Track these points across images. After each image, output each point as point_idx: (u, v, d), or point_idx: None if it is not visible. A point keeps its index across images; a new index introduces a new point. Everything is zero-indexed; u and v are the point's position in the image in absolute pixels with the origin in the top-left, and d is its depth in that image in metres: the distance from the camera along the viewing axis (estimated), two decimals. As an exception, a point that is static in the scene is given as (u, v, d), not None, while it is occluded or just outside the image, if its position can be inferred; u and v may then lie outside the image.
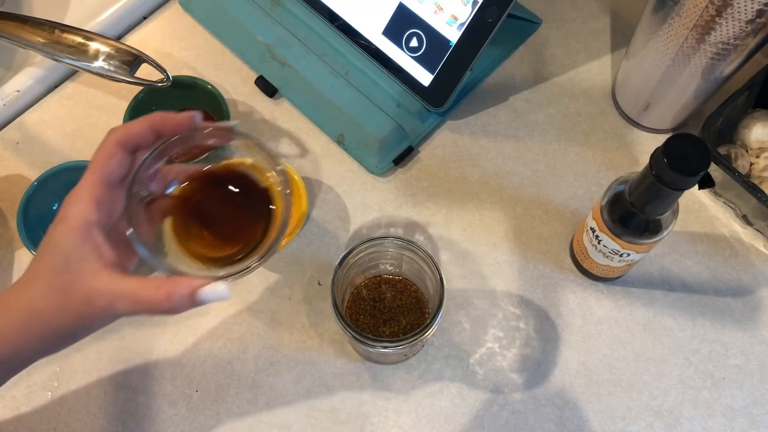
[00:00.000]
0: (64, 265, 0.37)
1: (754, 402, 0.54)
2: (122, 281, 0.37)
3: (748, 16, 0.48)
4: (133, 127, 0.39)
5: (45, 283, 0.37)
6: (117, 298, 0.37)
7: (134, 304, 0.37)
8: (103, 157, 0.38)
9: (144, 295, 0.37)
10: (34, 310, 0.37)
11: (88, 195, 0.38)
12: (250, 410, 0.55)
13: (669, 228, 0.48)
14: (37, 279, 0.37)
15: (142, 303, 0.37)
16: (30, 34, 0.61)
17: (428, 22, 0.60)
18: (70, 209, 0.37)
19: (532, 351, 0.56)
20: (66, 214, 0.37)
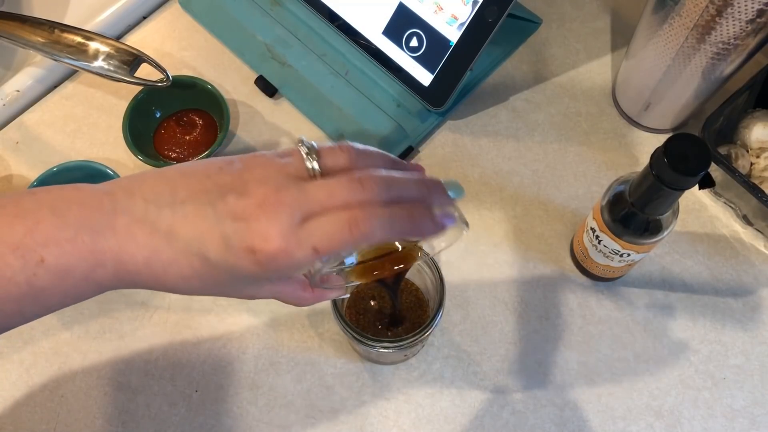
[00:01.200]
0: (230, 282, 0.35)
1: (754, 402, 0.54)
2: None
3: (748, 15, 0.47)
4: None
5: (200, 282, 0.35)
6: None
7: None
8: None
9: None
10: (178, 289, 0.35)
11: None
12: (250, 410, 0.55)
13: (669, 228, 0.48)
14: (193, 278, 0.34)
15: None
16: (30, 33, 0.61)
17: (428, 21, 0.60)
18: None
19: (532, 351, 0.56)
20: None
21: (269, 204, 0.33)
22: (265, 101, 0.67)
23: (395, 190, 0.35)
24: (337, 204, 0.33)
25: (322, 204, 0.34)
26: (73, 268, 0.33)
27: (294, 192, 0.34)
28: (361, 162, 0.36)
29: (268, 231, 0.33)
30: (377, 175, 0.35)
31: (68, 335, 0.57)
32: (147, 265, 0.34)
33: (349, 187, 0.34)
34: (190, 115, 0.65)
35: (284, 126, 0.66)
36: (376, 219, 0.33)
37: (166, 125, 0.64)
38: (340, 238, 0.33)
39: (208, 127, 0.64)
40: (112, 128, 0.66)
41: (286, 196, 0.33)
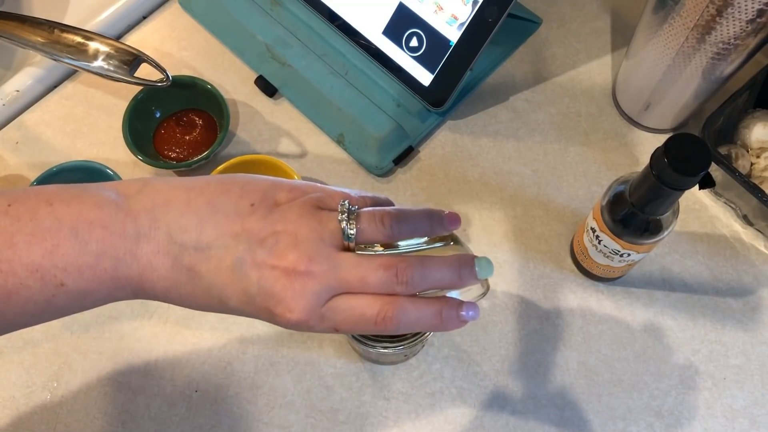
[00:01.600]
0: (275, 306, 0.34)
1: (754, 402, 0.54)
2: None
3: (748, 15, 0.47)
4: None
5: (216, 311, 0.35)
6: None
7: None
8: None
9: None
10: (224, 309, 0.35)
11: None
12: (250, 410, 0.55)
13: (669, 228, 0.48)
14: (209, 309, 0.35)
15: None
16: (29, 33, 0.61)
17: (428, 21, 0.60)
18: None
19: (532, 351, 0.56)
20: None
21: (299, 275, 0.32)
22: (265, 101, 0.67)
23: (428, 281, 0.35)
24: (369, 291, 0.33)
25: (353, 287, 0.33)
26: (93, 291, 0.33)
27: (326, 266, 0.33)
28: (399, 232, 0.35)
29: (292, 304, 0.33)
30: (413, 266, 0.34)
31: (68, 335, 0.57)
32: (165, 294, 0.34)
33: (383, 277, 0.34)
34: (190, 115, 0.65)
35: (284, 126, 0.66)
36: (403, 316, 0.33)
37: (166, 125, 0.64)
38: (364, 326, 0.34)
39: (208, 127, 0.64)
40: (112, 128, 0.66)
41: (317, 269, 0.33)
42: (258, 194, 0.34)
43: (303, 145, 0.65)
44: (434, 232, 0.38)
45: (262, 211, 0.34)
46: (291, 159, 0.64)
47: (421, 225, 0.37)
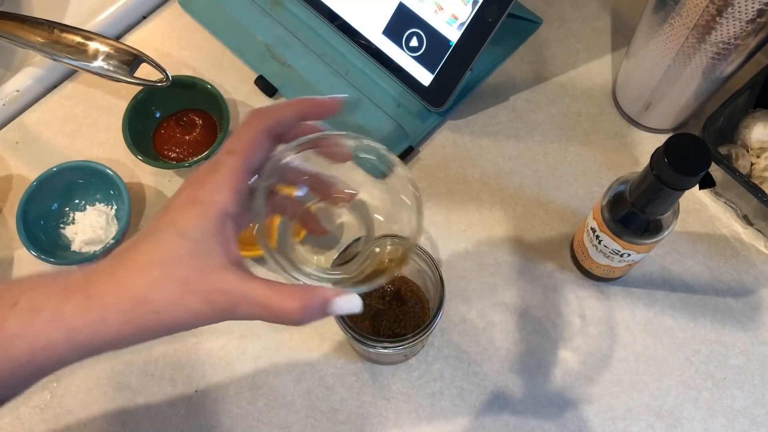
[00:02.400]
0: (191, 255, 0.32)
1: (754, 402, 0.54)
2: (251, 283, 0.33)
3: (748, 15, 0.47)
4: (283, 114, 0.36)
5: (164, 271, 0.32)
6: (242, 301, 0.32)
7: (260, 309, 0.33)
8: (249, 145, 0.35)
9: (276, 303, 0.33)
10: (145, 300, 0.32)
11: (230, 184, 0.34)
12: (250, 410, 0.55)
13: (669, 228, 0.48)
14: (153, 265, 0.32)
15: (271, 310, 0.33)
16: (29, 33, 0.61)
17: (428, 21, 0.60)
18: (209, 195, 0.33)
19: (532, 351, 0.56)
20: (201, 198, 0.33)
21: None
22: (265, 101, 0.67)
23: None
24: None
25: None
26: (42, 306, 0.33)
27: None
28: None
29: (196, 172, 0.35)
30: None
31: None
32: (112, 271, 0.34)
33: None
34: (190, 115, 0.65)
35: (284, 126, 0.66)
36: (264, 107, 0.36)
37: (166, 125, 0.64)
38: (239, 129, 0.35)
39: (208, 127, 0.64)
40: (112, 128, 0.66)
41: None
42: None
43: (303, 145, 0.65)
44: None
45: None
46: (291, 159, 0.64)
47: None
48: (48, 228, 0.60)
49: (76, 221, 0.61)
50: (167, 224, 0.33)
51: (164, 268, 0.32)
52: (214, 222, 0.33)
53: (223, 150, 0.35)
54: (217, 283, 0.32)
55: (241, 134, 0.35)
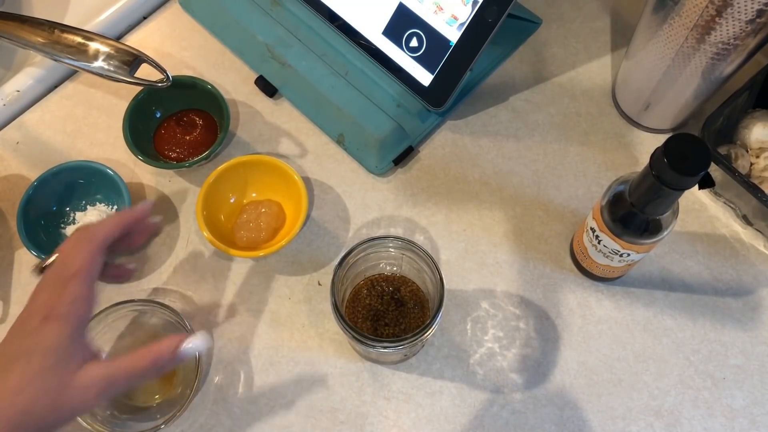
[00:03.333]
0: (57, 364, 0.39)
1: (754, 402, 0.54)
2: (112, 365, 0.41)
3: (748, 16, 0.47)
4: (111, 230, 0.44)
5: (40, 386, 0.38)
6: (113, 381, 0.40)
7: (130, 373, 0.41)
8: (91, 261, 0.42)
9: (138, 364, 0.41)
10: (30, 412, 0.38)
11: (82, 294, 0.41)
12: (250, 410, 0.55)
13: (669, 228, 0.48)
14: (30, 383, 0.38)
15: (137, 373, 0.41)
16: (30, 34, 0.61)
17: (428, 22, 0.60)
18: (65, 308, 0.40)
19: (532, 351, 0.56)
20: (58, 312, 0.40)
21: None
22: (265, 101, 0.67)
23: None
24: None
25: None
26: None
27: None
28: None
29: (41, 294, 0.42)
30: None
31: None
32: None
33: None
34: (190, 115, 0.65)
35: (284, 126, 0.66)
36: (89, 228, 0.44)
37: (166, 125, 0.64)
38: (74, 249, 0.43)
39: (208, 127, 0.64)
40: (112, 128, 0.66)
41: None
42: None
43: (303, 145, 0.65)
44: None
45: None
46: (291, 159, 0.64)
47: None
48: (48, 228, 0.60)
49: (76, 221, 0.61)
50: (31, 348, 0.39)
51: (36, 385, 0.38)
52: (74, 331, 0.40)
53: (62, 271, 0.41)
54: (87, 376, 0.40)
55: (75, 255, 0.42)
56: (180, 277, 0.59)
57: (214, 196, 0.59)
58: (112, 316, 0.54)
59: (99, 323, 0.53)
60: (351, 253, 0.50)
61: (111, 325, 0.55)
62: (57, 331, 0.39)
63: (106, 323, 0.54)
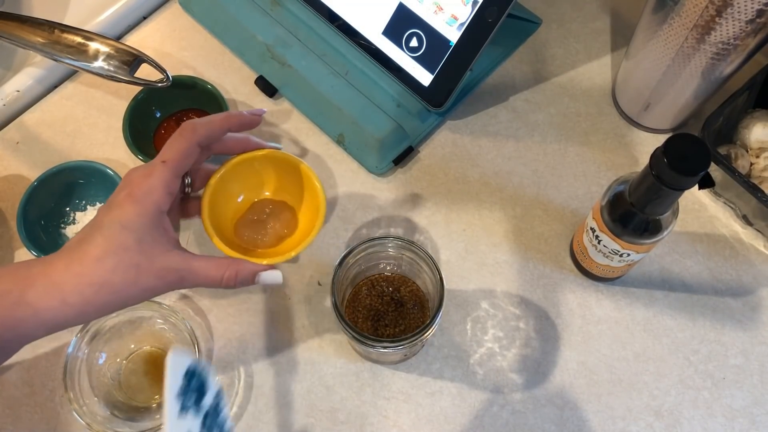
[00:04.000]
0: (137, 243, 0.40)
1: (754, 402, 0.54)
2: (192, 260, 0.42)
3: (748, 16, 0.48)
4: (214, 129, 0.44)
5: (117, 259, 0.39)
6: (187, 274, 0.41)
7: (203, 279, 0.42)
8: (182, 154, 0.42)
9: (213, 273, 0.42)
10: (107, 282, 0.39)
11: (163, 186, 0.41)
12: (250, 410, 0.55)
13: (669, 228, 0.48)
14: (108, 255, 0.39)
15: (211, 279, 0.42)
16: (30, 34, 0.61)
17: (428, 22, 0.60)
18: (145, 195, 0.40)
19: (532, 351, 0.56)
20: (138, 197, 0.40)
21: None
22: (265, 101, 0.67)
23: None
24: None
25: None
26: (8, 290, 0.38)
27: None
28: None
29: (133, 176, 0.41)
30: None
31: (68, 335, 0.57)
32: (66, 267, 0.39)
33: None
34: (190, 115, 0.65)
35: (284, 126, 0.66)
36: (195, 120, 0.43)
37: (166, 125, 0.64)
38: (172, 140, 0.42)
39: (208, 127, 0.64)
40: (112, 128, 0.66)
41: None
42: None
43: (303, 145, 0.65)
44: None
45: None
46: (291, 159, 0.64)
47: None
48: (48, 228, 0.60)
49: (76, 221, 0.61)
50: (112, 220, 0.40)
51: (116, 257, 0.39)
52: (153, 218, 0.41)
53: (158, 158, 0.42)
54: (165, 262, 0.41)
55: (173, 145, 0.43)
56: (180, 277, 0.59)
57: (221, 193, 0.49)
58: (113, 315, 0.54)
59: (99, 323, 0.53)
60: (351, 253, 0.50)
61: (111, 325, 0.55)
62: (134, 212, 0.40)
63: (105, 323, 0.54)
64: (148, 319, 0.56)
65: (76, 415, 0.50)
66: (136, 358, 0.56)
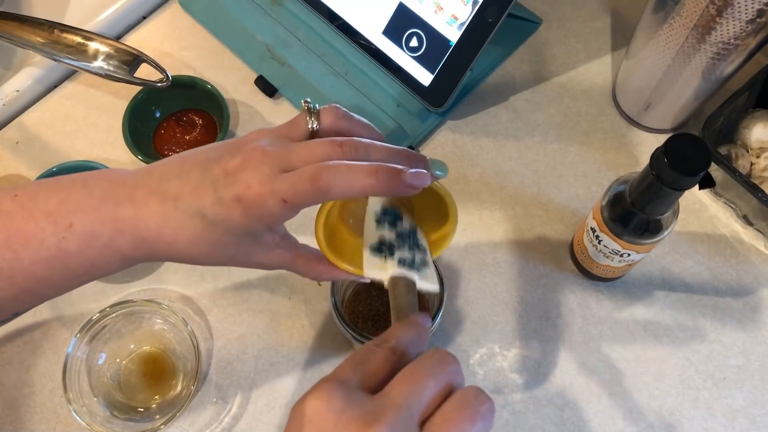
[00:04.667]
0: (237, 245, 0.38)
1: (754, 402, 0.54)
2: (294, 260, 0.41)
3: (748, 15, 0.47)
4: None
5: (211, 249, 0.37)
6: (288, 268, 0.41)
7: (303, 274, 0.42)
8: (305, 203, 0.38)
9: (310, 274, 0.42)
10: (196, 260, 0.38)
11: (281, 221, 0.38)
12: (250, 410, 0.55)
13: (669, 228, 0.48)
14: (202, 243, 0.37)
15: (308, 277, 0.42)
16: (29, 33, 0.61)
17: (428, 21, 0.60)
18: (260, 215, 0.36)
19: (532, 351, 0.56)
20: (253, 213, 0.36)
21: (255, 158, 0.36)
22: (265, 101, 0.67)
23: (374, 153, 0.36)
24: (315, 161, 0.35)
25: (302, 160, 0.36)
26: (98, 234, 0.37)
27: (280, 149, 0.36)
28: (353, 125, 0.39)
29: (250, 180, 0.35)
30: (360, 140, 0.36)
31: (68, 335, 0.57)
32: (159, 232, 0.37)
33: (329, 146, 0.36)
34: (189, 114, 0.65)
35: (284, 126, 0.66)
36: (334, 174, 0.34)
37: (166, 125, 0.64)
38: (302, 188, 0.35)
39: (207, 126, 0.64)
40: (112, 128, 0.66)
41: (272, 152, 0.36)
42: (228, 143, 0.39)
43: (303, 145, 0.65)
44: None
45: (232, 140, 0.39)
46: (291, 159, 0.64)
47: (372, 133, 0.40)
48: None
49: (76, 221, 0.61)
50: (217, 219, 0.36)
51: (210, 248, 0.37)
52: (259, 228, 0.38)
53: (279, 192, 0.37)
54: (264, 259, 0.40)
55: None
56: (180, 277, 0.59)
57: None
58: (113, 316, 0.54)
59: (98, 323, 0.53)
60: (351, 253, 0.50)
61: (111, 325, 0.55)
62: (240, 222, 0.36)
63: (105, 323, 0.54)
64: (148, 319, 0.56)
65: (75, 415, 0.50)
66: (136, 359, 0.56)
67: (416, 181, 0.35)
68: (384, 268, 0.39)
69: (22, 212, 0.37)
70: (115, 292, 0.59)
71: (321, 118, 0.39)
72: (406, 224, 0.41)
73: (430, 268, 0.40)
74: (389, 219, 0.41)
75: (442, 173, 0.38)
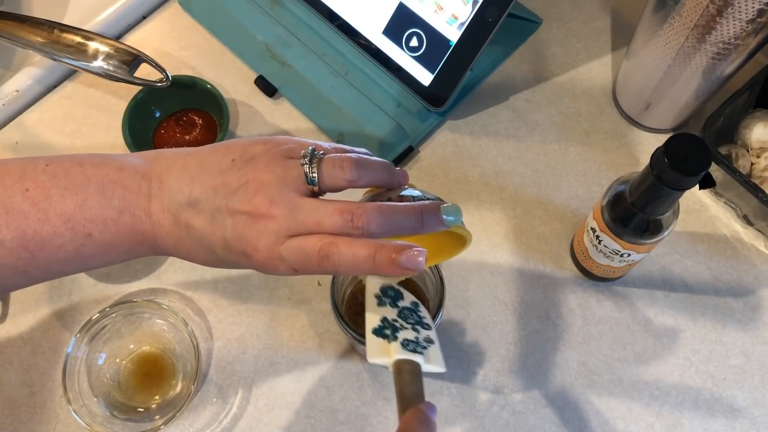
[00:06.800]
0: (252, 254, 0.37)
1: (754, 402, 0.54)
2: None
3: (748, 15, 0.47)
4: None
5: (222, 264, 0.39)
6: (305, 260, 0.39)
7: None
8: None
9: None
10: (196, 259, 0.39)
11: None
12: (250, 410, 0.55)
13: (670, 228, 0.48)
14: (214, 262, 0.39)
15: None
16: (29, 33, 0.61)
17: (428, 21, 0.60)
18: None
19: (532, 351, 0.56)
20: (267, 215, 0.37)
21: (261, 217, 0.36)
22: (265, 101, 0.67)
23: (385, 227, 0.37)
24: (323, 232, 0.36)
25: (309, 229, 0.36)
26: (117, 244, 0.38)
27: (286, 209, 0.36)
28: (359, 177, 0.38)
29: (256, 243, 0.36)
30: (368, 212, 0.36)
31: (68, 335, 0.57)
32: (175, 248, 0.39)
33: (338, 221, 0.36)
34: (189, 114, 0.65)
35: (284, 126, 0.66)
36: (338, 255, 0.36)
37: (165, 125, 0.64)
38: (310, 266, 0.36)
39: (207, 126, 0.64)
40: (112, 128, 0.66)
41: (277, 212, 0.36)
42: (238, 150, 0.38)
43: (303, 145, 0.65)
44: (392, 183, 0.40)
45: (239, 164, 0.38)
46: (291, 159, 0.64)
47: (380, 173, 0.40)
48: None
49: (75, 221, 0.61)
50: (238, 241, 0.37)
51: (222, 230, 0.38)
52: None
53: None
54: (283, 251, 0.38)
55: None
56: (180, 277, 0.59)
57: None
58: (112, 316, 0.54)
59: (98, 323, 0.53)
60: (351, 253, 0.50)
61: (111, 325, 0.54)
62: (268, 225, 0.36)
63: (105, 323, 0.54)
64: (148, 319, 0.56)
65: (75, 416, 0.50)
66: (136, 359, 0.56)
67: (410, 264, 0.36)
68: (387, 351, 0.39)
69: (36, 213, 0.36)
70: (115, 292, 0.59)
71: (322, 173, 0.38)
72: (407, 300, 0.42)
73: (435, 345, 0.40)
74: (390, 298, 0.41)
75: (455, 218, 0.38)
